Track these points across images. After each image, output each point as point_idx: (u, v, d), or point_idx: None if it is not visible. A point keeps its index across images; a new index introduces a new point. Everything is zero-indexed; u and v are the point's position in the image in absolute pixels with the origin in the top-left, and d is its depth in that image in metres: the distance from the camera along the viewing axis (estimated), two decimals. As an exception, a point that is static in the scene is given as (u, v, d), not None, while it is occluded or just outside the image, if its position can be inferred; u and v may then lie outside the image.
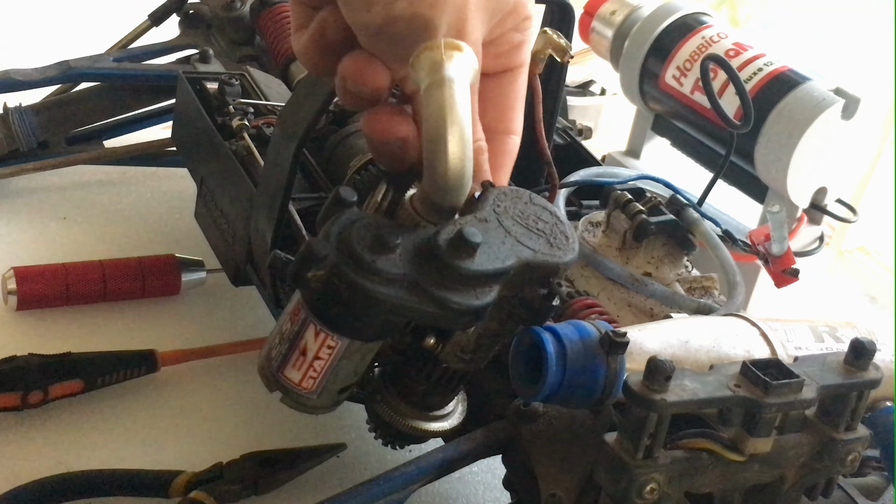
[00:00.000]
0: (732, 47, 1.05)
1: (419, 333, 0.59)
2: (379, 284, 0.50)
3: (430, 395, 0.61)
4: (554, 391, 0.53)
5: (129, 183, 1.14)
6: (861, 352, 0.54)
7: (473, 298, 0.51)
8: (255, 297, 0.87)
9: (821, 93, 0.97)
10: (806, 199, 1.01)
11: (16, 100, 1.08)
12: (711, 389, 0.50)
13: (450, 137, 0.53)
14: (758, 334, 0.60)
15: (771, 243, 0.79)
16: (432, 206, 0.56)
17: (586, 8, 1.19)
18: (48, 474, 0.71)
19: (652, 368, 0.48)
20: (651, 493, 0.49)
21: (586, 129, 1.02)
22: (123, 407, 0.82)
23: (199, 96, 0.90)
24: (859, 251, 1.26)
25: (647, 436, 0.49)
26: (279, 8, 1.03)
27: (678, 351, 0.56)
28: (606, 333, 0.53)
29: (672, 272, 0.79)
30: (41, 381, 0.79)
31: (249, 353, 0.88)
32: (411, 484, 0.60)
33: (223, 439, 0.80)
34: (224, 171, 0.83)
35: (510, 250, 0.53)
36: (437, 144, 0.53)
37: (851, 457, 0.55)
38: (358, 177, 0.76)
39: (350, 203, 0.55)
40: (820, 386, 0.52)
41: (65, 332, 0.89)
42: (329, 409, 0.58)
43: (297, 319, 0.55)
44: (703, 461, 0.51)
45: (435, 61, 0.53)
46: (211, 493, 0.71)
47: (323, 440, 0.80)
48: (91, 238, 1.03)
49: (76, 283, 0.91)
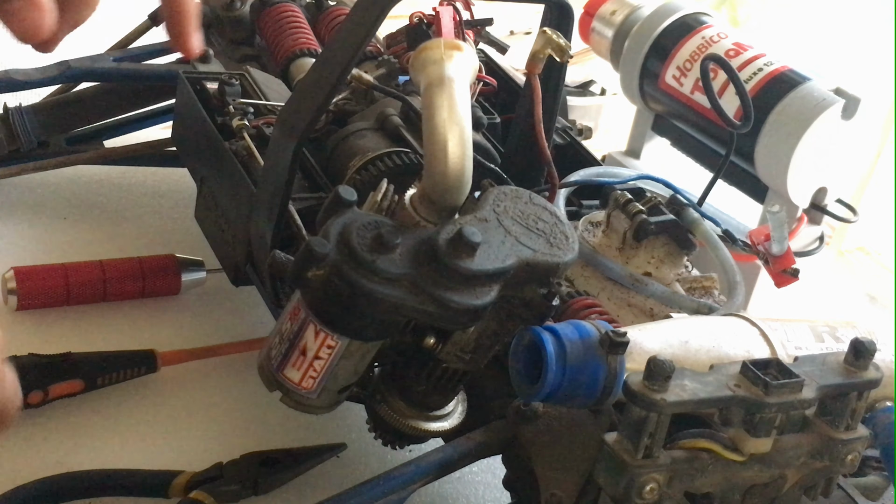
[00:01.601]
0: (732, 47, 1.05)
1: (419, 333, 0.59)
2: (379, 284, 0.51)
3: (430, 395, 0.61)
4: (554, 391, 0.53)
5: (129, 183, 1.14)
6: (861, 352, 0.54)
7: (473, 298, 0.52)
8: (255, 297, 0.87)
9: (821, 93, 0.97)
10: (806, 199, 1.01)
11: (16, 100, 1.08)
12: (711, 389, 0.50)
13: (450, 137, 0.53)
14: (758, 334, 0.60)
15: (771, 243, 0.78)
16: (432, 206, 0.56)
17: (586, 8, 1.19)
18: (48, 474, 0.71)
19: (652, 368, 0.48)
20: (651, 493, 0.49)
21: (586, 129, 1.02)
22: (123, 407, 0.82)
23: (200, 96, 0.90)
24: (859, 251, 1.26)
25: (647, 436, 0.49)
26: (279, 8, 1.03)
27: (678, 351, 0.56)
28: (606, 333, 0.53)
29: (672, 272, 0.79)
30: (41, 381, 0.79)
31: (249, 353, 0.88)
32: (411, 484, 0.60)
33: (223, 439, 0.80)
34: (224, 171, 0.83)
35: (510, 250, 0.53)
36: (437, 144, 0.53)
37: (851, 457, 0.55)
38: (358, 177, 0.76)
39: (350, 203, 0.55)
40: (820, 386, 0.52)
41: (65, 332, 0.89)
42: (329, 408, 0.58)
43: (297, 319, 0.55)
44: (703, 461, 0.51)
45: (435, 61, 0.54)
46: (211, 493, 0.71)
47: (323, 440, 0.80)
48: (91, 238, 1.03)
49: (77, 284, 0.91)
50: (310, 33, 1.00)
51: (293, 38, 0.98)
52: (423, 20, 0.91)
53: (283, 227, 0.72)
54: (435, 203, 0.55)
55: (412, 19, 0.92)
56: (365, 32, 0.67)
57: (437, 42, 0.54)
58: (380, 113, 0.79)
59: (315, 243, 0.51)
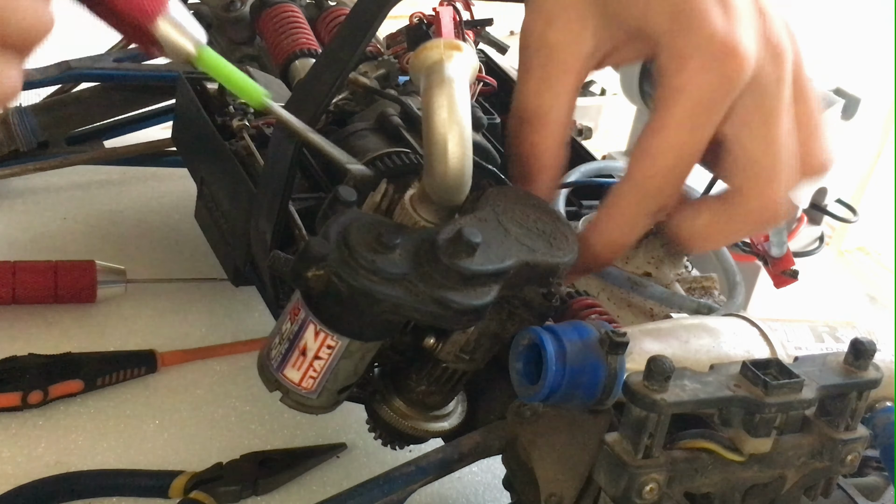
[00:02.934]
0: (732, 47, 1.04)
1: (419, 333, 0.59)
2: (379, 284, 0.51)
3: (430, 395, 0.61)
4: (554, 391, 0.53)
5: (129, 183, 1.14)
6: (861, 352, 0.54)
7: (473, 298, 0.51)
8: (255, 297, 0.87)
9: (821, 93, 0.97)
10: (806, 199, 1.01)
11: (16, 100, 1.08)
12: (711, 389, 0.50)
13: (450, 137, 0.53)
14: (757, 334, 0.60)
15: (770, 246, 0.79)
16: (432, 206, 0.56)
17: (586, 8, 1.19)
18: (48, 474, 0.71)
19: (652, 368, 0.48)
20: (651, 494, 0.49)
21: (586, 129, 1.02)
22: (123, 407, 0.82)
23: (200, 96, 0.90)
24: (859, 251, 1.27)
25: (647, 436, 0.49)
26: (279, 8, 1.03)
27: (678, 351, 0.56)
28: (606, 333, 0.53)
29: (672, 272, 0.79)
30: (41, 381, 0.79)
31: (249, 353, 0.88)
32: (411, 484, 0.60)
33: (223, 439, 0.80)
34: (224, 172, 0.83)
35: (510, 250, 0.53)
36: (438, 144, 0.53)
37: (851, 457, 0.55)
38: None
39: (350, 203, 0.55)
40: (820, 386, 0.52)
41: (65, 332, 0.89)
42: (329, 409, 0.58)
43: (297, 319, 0.55)
44: (702, 461, 0.51)
45: (435, 61, 0.53)
46: (211, 494, 0.71)
47: (323, 440, 0.80)
48: (91, 238, 1.03)
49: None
50: (310, 33, 1.00)
51: (293, 39, 0.98)
52: (423, 20, 0.91)
53: (283, 227, 0.72)
54: (434, 203, 0.55)
55: (412, 19, 0.92)
56: (365, 32, 0.67)
57: (437, 42, 0.54)
58: (380, 113, 0.79)
59: (315, 243, 0.51)
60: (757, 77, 0.55)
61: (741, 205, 0.57)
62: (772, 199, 0.57)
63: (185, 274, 0.99)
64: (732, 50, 0.53)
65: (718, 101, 0.54)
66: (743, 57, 0.53)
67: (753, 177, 0.56)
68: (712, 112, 0.55)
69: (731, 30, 0.54)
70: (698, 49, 0.53)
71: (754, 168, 0.56)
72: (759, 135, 0.56)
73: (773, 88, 0.56)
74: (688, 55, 0.53)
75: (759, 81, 0.55)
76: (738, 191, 0.57)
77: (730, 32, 0.53)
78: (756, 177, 0.56)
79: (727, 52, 0.53)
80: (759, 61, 0.54)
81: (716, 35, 0.53)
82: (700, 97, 0.54)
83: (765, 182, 0.56)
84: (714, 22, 0.53)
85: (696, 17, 0.53)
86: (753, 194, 0.56)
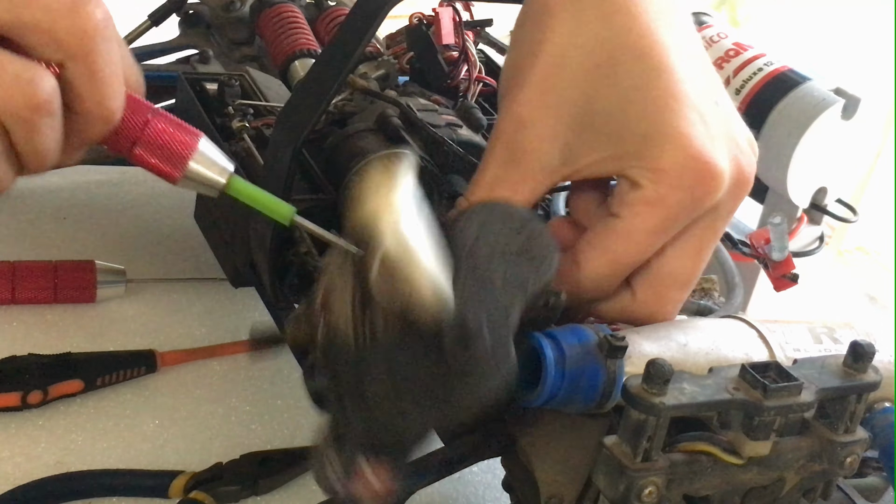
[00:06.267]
0: (732, 47, 1.04)
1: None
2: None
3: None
4: (553, 395, 0.53)
5: (129, 183, 1.14)
6: (860, 354, 0.54)
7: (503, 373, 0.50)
8: (255, 296, 0.87)
9: (821, 93, 0.97)
10: (806, 199, 1.01)
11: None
12: (710, 392, 0.50)
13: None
14: (756, 336, 0.60)
15: (771, 250, 0.79)
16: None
17: (586, 8, 1.19)
18: (48, 474, 0.72)
19: (651, 372, 0.48)
20: (650, 496, 0.49)
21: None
22: (123, 407, 0.82)
23: (199, 97, 0.90)
24: (859, 251, 1.26)
25: (646, 439, 0.49)
26: (279, 8, 1.03)
27: (677, 354, 0.56)
28: (605, 337, 0.53)
29: (671, 273, 0.79)
30: (41, 381, 0.79)
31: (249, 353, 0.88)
32: (411, 485, 0.60)
33: (223, 439, 0.80)
34: (224, 172, 0.83)
35: (507, 308, 0.51)
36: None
37: (850, 459, 0.55)
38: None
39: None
40: (819, 389, 0.52)
41: (65, 332, 0.89)
42: None
43: None
44: (701, 464, 0.51)
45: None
46: (211, 494, 0.72)
47: (323, 441, 0.80)
48: (91, 238, 1.03)
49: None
50: (309, 33, 1.00)
51: (293, 39, 0.98)
52: (423, 21, 0.91)
53: (283, 228, 0.72)
54: None
55: (412, 19, 0.92)
56: (365, 33, 0.67)
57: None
58: (380, 114, 0.79)
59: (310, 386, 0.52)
60: (717, 202, 0.56)
61: (640, 308, 0.60)
62: (673, 309, 0.60)
63: (185, 274, 0.99)
64: (710, 172, 0.54)
65: (685, 217, 0.55)
66: (719, 180, 0.54)
67: (668, 286, 0.59)
68: (678, 226, 0.56)
69: (710, 152, 0.54)
70: (678, 165, 0.54)
71: (669, 279, 0.59)
72: (691, 254, 0.58)
73: (724, 216, 0.58)
74: (667, 169, 0.54)
75: (716, 207, 0.56)
76: (640, 292, 0.59)
77: (710, 154, 0.54)
78: (668, 287, 0.59)
79: (705, 173, 0.54)
80: (726, 187, 0.56)
81: (700, 156, 0.54)
82: (671, 211, 0.55)
83: (676, 293, 0.60)
84: (696, 140, 0.54)
85: (679, 133, 0.54)
86: (656, 300, 0.59)
